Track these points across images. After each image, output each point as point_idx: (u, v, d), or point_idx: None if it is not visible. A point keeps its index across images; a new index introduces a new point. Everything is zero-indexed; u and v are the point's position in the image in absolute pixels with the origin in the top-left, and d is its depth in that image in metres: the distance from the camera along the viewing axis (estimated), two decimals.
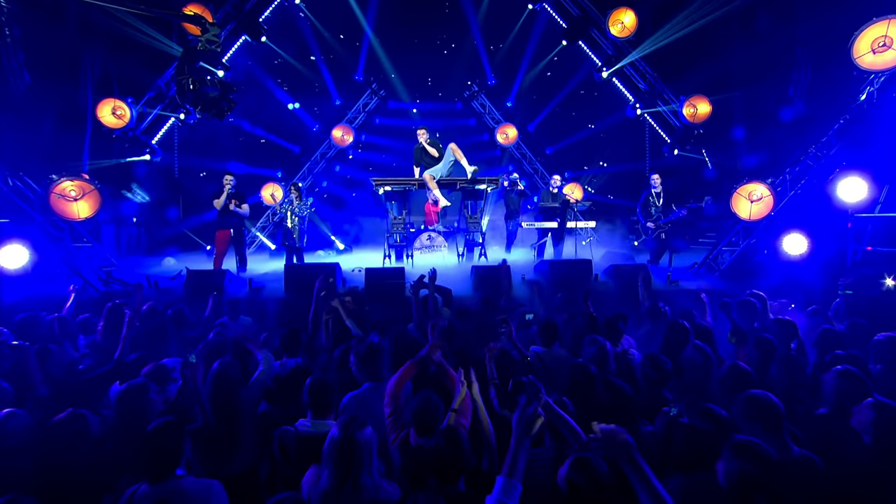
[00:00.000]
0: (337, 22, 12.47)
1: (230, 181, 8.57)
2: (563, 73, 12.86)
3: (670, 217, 9.11)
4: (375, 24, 12.59)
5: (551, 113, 13.55)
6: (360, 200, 13.53)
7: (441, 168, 8.70)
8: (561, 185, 9.92)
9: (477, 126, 14.09)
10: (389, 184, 8.84)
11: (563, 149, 13.75)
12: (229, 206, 8.55)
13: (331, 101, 13.51)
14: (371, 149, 14.01)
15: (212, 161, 12.43)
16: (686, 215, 9.39)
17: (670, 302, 6.20)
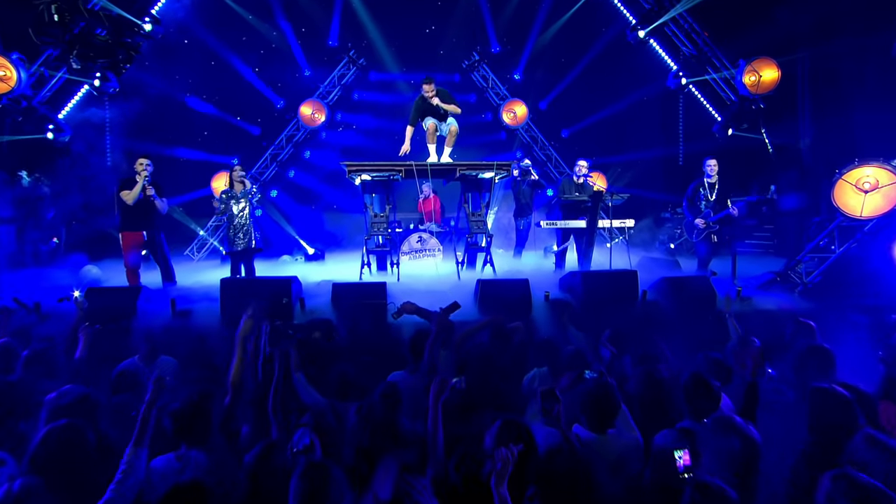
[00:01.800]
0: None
1: (145, 166, 6.88)
2: (584, 36, 11.63)
3: (723, 213, 7.65)
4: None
5: (569, 87, 12.16)
6: (336, 193, 12.05)
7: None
8: (588, 174, 8.40)
9: (478, 103, 12.66)
10: (368, 170, 7.25)
11: (582, 131, 12.40)
12: (148, 195, 6.87)
13: (299, 71, 12.01)
14: (349, 130, 12.46)
15: (152, 145, 10.86)
16: (745, 211, 7.93)
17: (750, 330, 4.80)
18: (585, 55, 11.70)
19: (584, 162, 8.35)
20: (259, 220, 11.57)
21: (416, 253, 10.08)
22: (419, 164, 7.26)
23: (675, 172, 12.21)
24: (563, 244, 8.17)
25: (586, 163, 8.35)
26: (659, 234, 11.59)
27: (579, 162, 8.34)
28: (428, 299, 6.33)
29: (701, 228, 7.82)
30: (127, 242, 6.84)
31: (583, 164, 8.32)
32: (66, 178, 9.55)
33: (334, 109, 12.28)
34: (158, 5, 8.93)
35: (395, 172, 7.31)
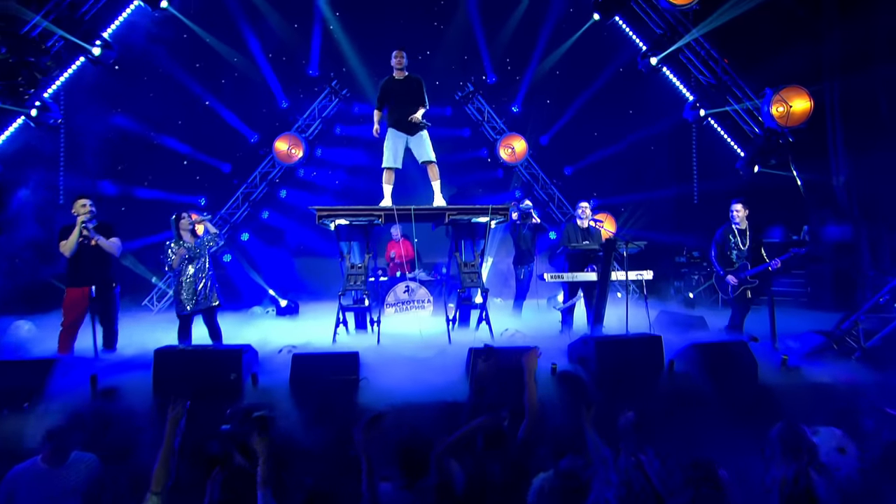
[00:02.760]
0: None
1: (86, 207, 6.09)
2: (589, 64, 11.21)
3: (761, 269, 6.85)
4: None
5: (573, 120, 11.67)
6: (314, 237, 11.26)
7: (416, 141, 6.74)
8: (593, 216, 7.70)
9: (472, 138, 12.09)
10: (341, 216, 6.50)
11: (587, 168, 11.82)
12: (91, 243, 6.06)
13: (275, 103, 11.42)
14: (331, 167, 11.79)
15: (109, 183, 10.40)
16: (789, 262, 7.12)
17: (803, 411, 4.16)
18: (591, 85, 11.23)
19: (586, 203, 7.63)
20: (227, 266, 10.95)
21: (403, 305, 9.39)
22: (401, 208, 6.49)
23: (689, 212, 11.64)
24: (570, 299, 7.35)
25: (588, 203, 7.63)
26: (674, 280, 10.94)
27: (581, 204, 7.62)
28: (411, 368, 5.51)
29: (733, 285, 7.02)
30: (68, 299, 6.03)
31: (584, 205, 7.60)
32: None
33: (314, 145, 11.65)
34: (111, 28, 8.39)
35: (373, 218, 6.54)
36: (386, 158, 6.73)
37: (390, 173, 6.81)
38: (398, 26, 11.01)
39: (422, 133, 6.75)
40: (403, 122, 6.64)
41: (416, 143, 6.73)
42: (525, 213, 8.48)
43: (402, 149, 6.74)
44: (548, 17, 10.85)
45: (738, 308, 7.08)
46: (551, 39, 11.13)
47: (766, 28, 7.92)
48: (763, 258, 6.85)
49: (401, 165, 6.72)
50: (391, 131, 6.74)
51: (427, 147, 6.76)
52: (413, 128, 6.72)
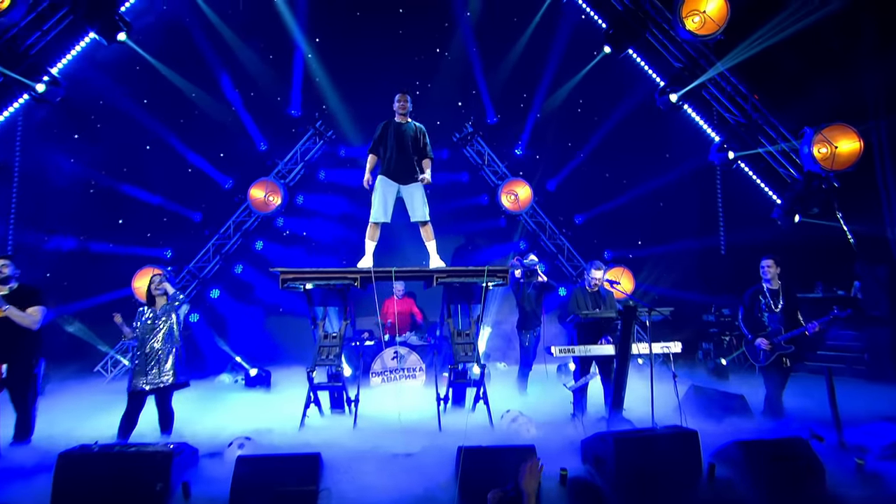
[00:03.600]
0: (257, 28, 10.23)
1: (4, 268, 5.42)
2: (601, 101, 10.88)
3: (796, 332, 6.08)
4: (317, 31, 10.50)
5: (583, 164, 11.21)
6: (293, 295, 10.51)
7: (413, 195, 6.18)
8: (610, 282, 6.96)
9: (472, 183, 11.53)
10: (312, 278, 5.82)
11: (600, 216, 11.22)
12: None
13: (252, 145, 10.91)
14: (313, 216, 11.16)
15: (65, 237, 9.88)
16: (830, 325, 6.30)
17: None
18: (602, 125, 10.81)
19: (599, 270, 6.87)
20: (194, 327, 10.21)
21: (391, 374, 8.59)
22: (380, 270, 5.80)
23: (716, 266, 11.01)
24: (582, 378, 6.46)
25: (601, 269, 6.86)
26: (702, 342, 10.22)
27: (592, 269, 6.84)
28: (387, 469, 4.71)
29: (767, 351, 6.19)
30: None
31: (596, 273, 6.84)
32: None
33: (294, 191, 11.07)
34: (61, 63, 7.95)
35: (348, 281, 5.82)
36: (374, 210, 6.11)
37: (375, 228, 6.20)
38: (388, 61, 10.61)
39: (416, 184, 6.13)
40: (397, 170, 6.11)
41: (410, 195, 6.16)
42: (529, 270, 7.86)
43: (392, 200, 6.14)
44: (553, 51, 10.46)
45: (772, 379, 6.28)
46: (558, 75, 10.74)
47: (799, 61, 7.35)
48: (799, 321, 6.13)
49: (389, 219, 6.08)
50: (382, 179, 6.15)
51: (421, 203, 6.18)
52: (407, 176, 6.16)
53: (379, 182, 6.14)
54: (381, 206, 6.09)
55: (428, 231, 6.29)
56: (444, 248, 10.86)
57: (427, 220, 6.19)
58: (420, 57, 10.98)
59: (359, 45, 10.78)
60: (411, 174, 6.15)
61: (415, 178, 6.16)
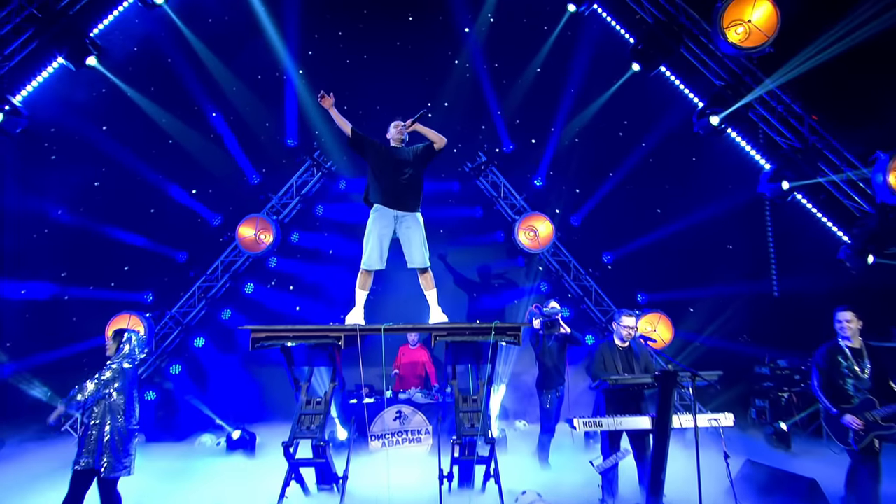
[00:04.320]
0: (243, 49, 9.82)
1: None
2: (631, 125, 10.39)
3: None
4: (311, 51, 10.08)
5: (611, 195, 10.49)
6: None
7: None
8: (644, 338, 6.09)
9: (486, 218, 10.86)
10: (287, 337, 5.18)
11: (632, 255, 10.45)
12: None
13: (243, 178, 10.42)
14: (310, 257, 10.53)
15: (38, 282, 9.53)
16: None
17: None
18: (633, 151, 10.15)
19: (631, 318, 6.03)
20: (175, 379, 9.62)
21: (393, 437, 7.81)
22: (368, 327, 5.12)
23: (768, 310, 10.16)
24: (612, 456, 5.53)
25: (632, 320, 6.03)
26: (755, 399, 9.36)
27: (622, 319, 6.00)
28: None
29: (855, 427, 5.16)
30: None
31: (628, 321, 6.02)
32: None
33: (289, 229, 10.49)
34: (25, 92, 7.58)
35: (329, 340, 5.13)
36: (366, 255, 5.36)
37: (368, 276, 5.48)
38: (391, 85, 10.09)
39: (416, 215, 5.43)
40: (396, 196, 5.36)
41: (407, 237, 5.43)
42: (550, 321, 7.10)
43: (388, 241, 5.44)
44: (573, 70, 9.88)
45: (866, 467, 5.17)
46: (580, 97, 10.14)
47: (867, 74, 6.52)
48: (893, 389, 5.13)
49: (384, 265, 5.36)
50: (377, 212, 5.41)
51: (420, 245, 5.46)
52: (406, 202, 5.39)
53: (373, 217, 5.41)
54: (375, 248, 5.35)
55: (428, 279, 5.60)
56: (454, 292, 10.29)
57: (427, 267, 5.48)
58: (426, 79, 10.45)
59: (358, 66, 10.34)
60: (411, 199, 5.44)
61: (415, 206, 5.43)
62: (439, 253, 10.13)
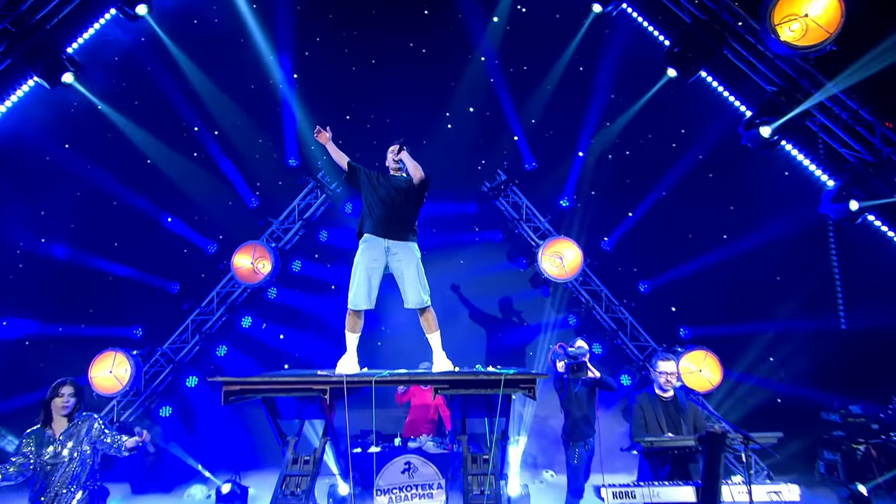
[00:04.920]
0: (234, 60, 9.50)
1: None
2: (667, 137, 9.82)
3: None
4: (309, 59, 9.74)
5: (648, 217, 9.84)
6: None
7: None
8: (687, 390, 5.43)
9: (506, 243, 10.28)
10: (263, 390, 4.66)
11: (672, 283, 9.70)
12: None
13: (240, 202, 10.03)
14: (314, 287, 10.01)
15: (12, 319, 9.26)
16: None
17: None
18: (671, 168, 9.47)
19: (670, 362, 5.47)
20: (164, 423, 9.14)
21: (401, 492, 7.21)
22: (356, 379, 4.46)
23: (835, 348, 9.19)
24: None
25: (672, 364, 5.47)
26: (823, 451, 8.52)
27: (659, 364, 5.45)
28: None
29: None
30: None
31: (665, 366, 5.43)
32: None
33: (290, 256, 10.00)
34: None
35: (313, 392, 4.55)
36: (353, 292, 4.83)
37: (357, 318, 4.93)
38: (402, 98, 9.68)
39: (409, 245, 4.89)
40: (387, 223, 4.90)
41: (400, 271, 4.91)
42: (576, 364, 6.31)
43: (378, 277, 4.93)
44: (600, 78, 9.37)
45: None
46: (609, 107, 9.58)
47: None
48: None
49: (373, 303, 4.82)
50: (366, 242, 4.92)
51: (416, 280, 4.89)
52: (398, 230, 4.89)
53: (361, 248, 4.92)
54: (362, 285, 4.81)
55: (429, 320, 4.98)
56: (470, 327, 9.62)
57: (426, 305, 4.86)
58: (438, 90, 10.01)
59: (366, 78, 9.90)
60: (404, 228, 4.94)
61: (408, 235, 4.93)
62: (453, 283, 9.59)
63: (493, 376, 4.38)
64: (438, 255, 9.50)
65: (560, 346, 6.62)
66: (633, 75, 9.57)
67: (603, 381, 6.40)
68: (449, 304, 9.58)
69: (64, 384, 4.79)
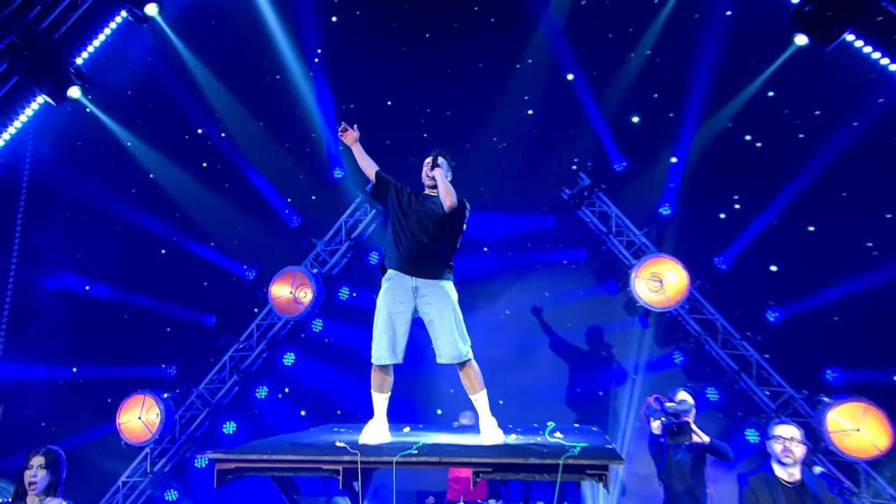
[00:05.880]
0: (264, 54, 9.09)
1: None
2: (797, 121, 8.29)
3: None
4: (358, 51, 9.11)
5: (775, 228, 8.41)
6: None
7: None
8: (830, 480, 4.61)
9: (592, 262, 9.12)
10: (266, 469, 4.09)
11: (812, 312, 8.14)
12: None
13: (281, 221, 9.53)
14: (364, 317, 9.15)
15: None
16: None
17: None
18: (807, 160, 7.99)
19: (789, 429, 4.65)
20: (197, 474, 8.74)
21: None
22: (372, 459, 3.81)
23: None
24: None
25: (794, 429, 4.65)
26: None
27: (775, 429, 4.72)
28: None
29: None
30: None
31: (784, 431, 4.65)
32: None
33: (337, 282, 9.30)
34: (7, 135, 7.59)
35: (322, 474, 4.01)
36: (376, 344, 4.25)
37: (384, 374, 4.30)
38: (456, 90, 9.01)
39: (444, 284, 4.29)
40: (415, 259, 4.31)
41: (429, 309, 4.25)
42: (676, 426, 5.26)
43: (405, 317, 4.27)
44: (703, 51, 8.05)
45: None
46: (716, 88, 8.23)
47: None
48: None
49: (400, 357, 4.24)
50: (389, 280, 4.38)
51: (449, 325, 4.20)
52: (431, 262, 4.32)
53: (384, 288, 4.36)
54: (384, 334, 4.21)
55: (471, 376, 4.26)
56: (548, 365, 8.62)
57: (466, 360, 4.20)
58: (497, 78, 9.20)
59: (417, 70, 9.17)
60: (436, 263, 4.31)
61: (442, 272, 4.29)
62: (534, 306, 8.64)
63: (549, 458, 3.48)
64: (509, 280, 8.76)
65: (656, 400, 5.64)
66: (745, 47, 8.30)
67: (713, 446, 5.42)
68: (528, 336, 8.64)
69: (35, 454, 4.30)
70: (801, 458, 4.50)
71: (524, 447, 4.05)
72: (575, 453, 3.49)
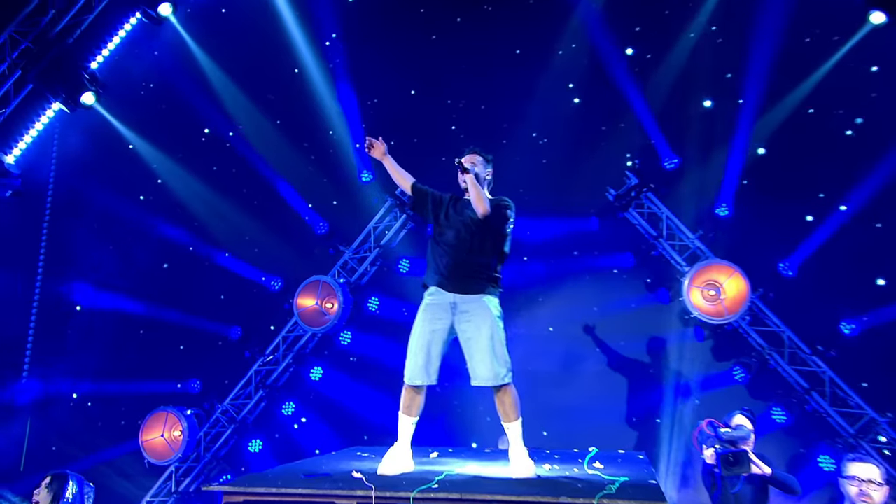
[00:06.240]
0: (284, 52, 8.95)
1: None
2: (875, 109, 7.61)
3: None
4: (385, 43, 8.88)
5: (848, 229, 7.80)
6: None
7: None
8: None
9: (640, 268, 8.60)
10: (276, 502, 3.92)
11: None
12: None
13: (306, 228, 9.28)
14: (395, 330, 8.78)
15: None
16: None
17: None
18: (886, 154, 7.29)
19: (867, 468, 4.39)
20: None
21: None
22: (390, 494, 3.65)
23: None
24: None
25: (873, 468, 4.40)
26: None
27: (850, 468, 4.50)
28: None
29: None
30: None
31: (860, 470, 4.40)
32: None
33: (366, 292, 9.02)
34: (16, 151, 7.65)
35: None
36: (410, 363, 4.13)
37: (415, 395, 4.20)
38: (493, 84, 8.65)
39: (485, 300, 4.13)
40: (456, 276, 4.20)
41: (467, 327, 4.10)
42: (732, 455, 4.81)
43: (442, 335, 4.14)
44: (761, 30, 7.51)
45: None
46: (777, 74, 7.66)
47: None
48: None
49: (434, 377, 4.13)
50: (430, 296, 4.25)
51: (487, 345, 4.04)
52: (472, 276, 4.18)
53: (424, 305, 4.25)
54: (419, 353, 4.10)
55: (506, 402, 4.07)
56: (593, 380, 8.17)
57: (505, 384, 4.01)
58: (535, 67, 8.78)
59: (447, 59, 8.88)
60: (477, 277, 4.19)
61: (484, 286, 4.17)
62: (578, 318, 8.20)
63: (582, 497, 3.22)
64: (550, 290, 8.35)
65: (709, 425, 5.13)
66: (810, 27, 7.73)
67: (777, 480, 4.95)
68: (572, 350, 8.22)
69: (43, 480, 4.53)
70: (881, 503, 4.16)
71: (556, 482, 3.75)
72: (612, 491, 3.26)
